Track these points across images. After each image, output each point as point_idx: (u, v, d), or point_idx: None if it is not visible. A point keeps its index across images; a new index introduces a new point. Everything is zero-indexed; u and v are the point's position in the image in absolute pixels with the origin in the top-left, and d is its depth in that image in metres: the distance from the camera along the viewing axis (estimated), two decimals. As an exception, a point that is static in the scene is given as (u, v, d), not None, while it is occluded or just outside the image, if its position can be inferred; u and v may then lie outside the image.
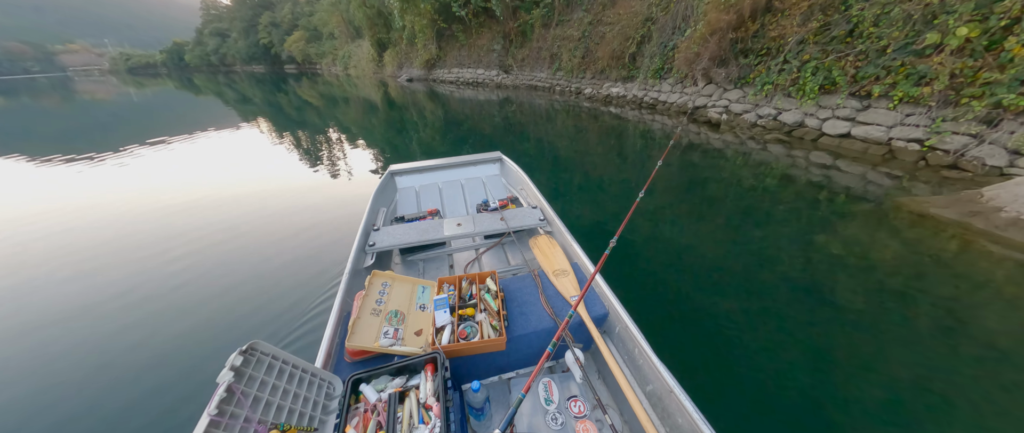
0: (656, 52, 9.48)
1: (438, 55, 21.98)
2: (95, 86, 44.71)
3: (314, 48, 46.10)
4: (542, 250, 2.08)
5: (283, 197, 5.32)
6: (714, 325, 2.44)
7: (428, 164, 3.43)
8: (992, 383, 1.97)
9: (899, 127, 5.09)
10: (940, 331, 2.37)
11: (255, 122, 13.06)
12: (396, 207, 3.04)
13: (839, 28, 5.47)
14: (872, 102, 5.36)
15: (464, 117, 11.51)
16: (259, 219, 4.54)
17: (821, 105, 5.91)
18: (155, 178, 6.70)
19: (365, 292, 1.55)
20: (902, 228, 3.59)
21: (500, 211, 2.54)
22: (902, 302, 2.61)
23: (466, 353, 1.44)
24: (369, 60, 31.69)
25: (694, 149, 6.52)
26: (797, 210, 4.16)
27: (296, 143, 9.35)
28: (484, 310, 1.59)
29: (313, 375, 1.27)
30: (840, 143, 5.65)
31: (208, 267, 3.48)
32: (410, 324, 1.55)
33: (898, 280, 2.84)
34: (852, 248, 3.26)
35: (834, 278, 2.90)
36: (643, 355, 1.35)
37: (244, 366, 1.07)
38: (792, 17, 5.91)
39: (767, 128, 6.55)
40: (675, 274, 3.06)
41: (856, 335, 2.33)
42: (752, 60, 6.85)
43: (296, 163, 7.37)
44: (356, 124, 11.90)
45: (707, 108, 7.87)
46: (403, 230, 2.32)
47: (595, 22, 12.39)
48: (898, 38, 4.96)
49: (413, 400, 1.20)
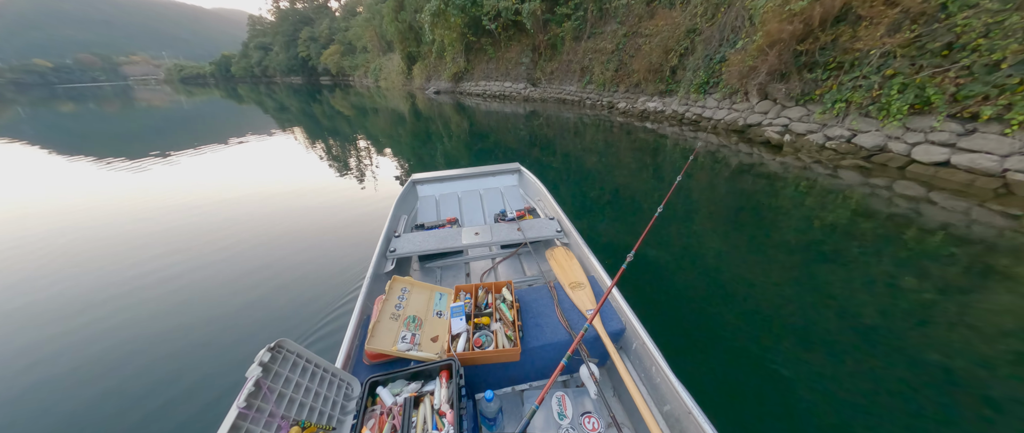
0: (700, 65, 8.80)
1: (466, 68, 22.00)
2: (151, 94, 48.03)
3: (348, 61, 47.83)
4: (558, 262, 2.06)
5: (313, 201, 5.50)
6: (749, 354, 2.27)
7: (448, 174, 3.47)
8: None
9: (1017, 157, 4.21)
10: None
11: (290, 130, 13.43)
12: (417, 215, 3.08)
13: (937, 39, 4.66)
14: (979, 126, 4.49)
15: (490, 130, 11.36)
16: (290, 222, 4.71)
17: (909, 128, 5.07)
18: (199, 178, 7.10)
19: (385, 296, 1.57)
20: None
21: (517, 221, 2.53)
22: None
23: (480, 362, 1.44)
24: (398, 73, 32.34)
25: (746, 171, 5.83)
26: (873, 244, 3.54)
27: (327, 150, 9.62)
28: (499, 319, 1.58)
29: (333, 375, 1.29)
30: (936, 172, 4.79)
31: (240, 264, 3.64)
32: (427, 330, 1.56)
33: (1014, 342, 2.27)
34: (951, 295, 2.76)
35: (909, 322, 2.50)
36: (661, 374, 1.31)
37: (271, 363, 1.10)
38: (877, 27, 5.13)
39: (839, 151, 5.73)
40: (704, 294, 2.91)
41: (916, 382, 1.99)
42: (820, 75, 6.07)
43: (326, 169, 7.60)
44: (384, 134, 12.08)
45: (762, 126, 7.09)
46: (422, 237, 2.34)
47: (630, 34, 11.84)
48: (1016, 51, 4.12)
49: (427, 406, 1.21)
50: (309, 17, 59.86)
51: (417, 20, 24.33)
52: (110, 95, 50.57)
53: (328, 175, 7.15)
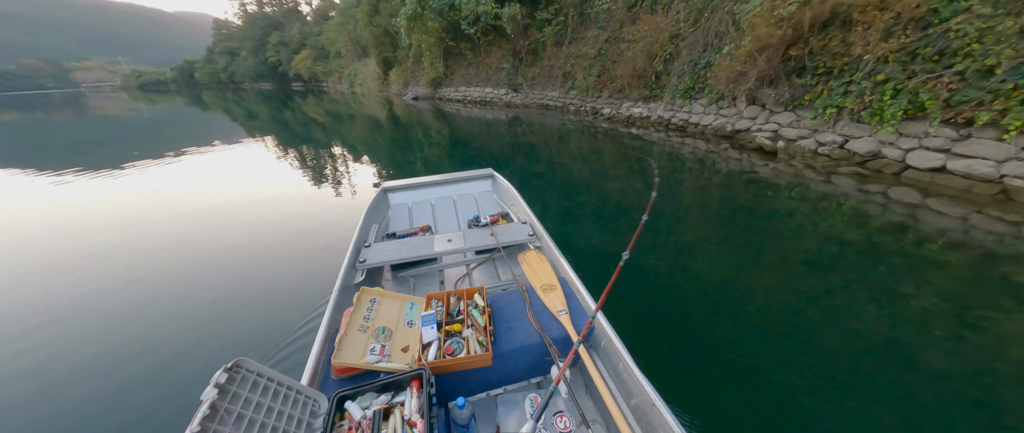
0: (685, 70, 8.71)
1: (445, 73, 21.52)
2: (107, 102, 45.11)
3: (321, 66, 46.37)
4: (531, 265, 2.08)
5: (282, 212, 5.21)
6: (712, 347, 2.37)
7: (421, 181, 3.41)
8: None
9: (1014, 162, 4.16)
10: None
11: (260, 138, 12.73)
12: (388, 224, 3.02)
13: (931, 45, 4.60)
14: (974, 131, 4.45)
15: (471, 136, 11.10)
16: (254, 235, 4.42)
17: (903, 133, 5.01)
18: (157, 191, 6.66)
19: (353, 309, 1.56)
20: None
21: (491, 227, 2.54)
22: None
23: (452, 369, 1.44)
24: (374, 78, 31.50)
25: (735, 177, 5.70)
26: (857, 246, 3.56)
27: (299, 160, 9.16)
28: (471, 325, 1.58)
29: (298, 393, 1.25)
30: (932, 178, 4.73)
31: (200, 283, 3.41)
32: (397, 340, 1.55)
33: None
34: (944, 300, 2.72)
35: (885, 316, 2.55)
36: (627, 369, 1.36)
37: (229, 383, 1.07)
38: (870, 32, 5.06)
39: (833, 157, 5.64)
40: (672, 292, 3.01)
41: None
42: (809, 80, 6.01)
43: (297, 179, 7.23)
44: (361, 141, 11.66)
45: (751, 132, 7.00)
46: (394, 246, 2.30)
47: (612, 40, 11.73)
48: (1011, 57, 4.09)
49: (397, 417, 1.19)
50: (279, 21, 57.81)
51: (393, 24, 23.71)
52: (60, 103, 47.19)
53: (299, 185, 6.76)
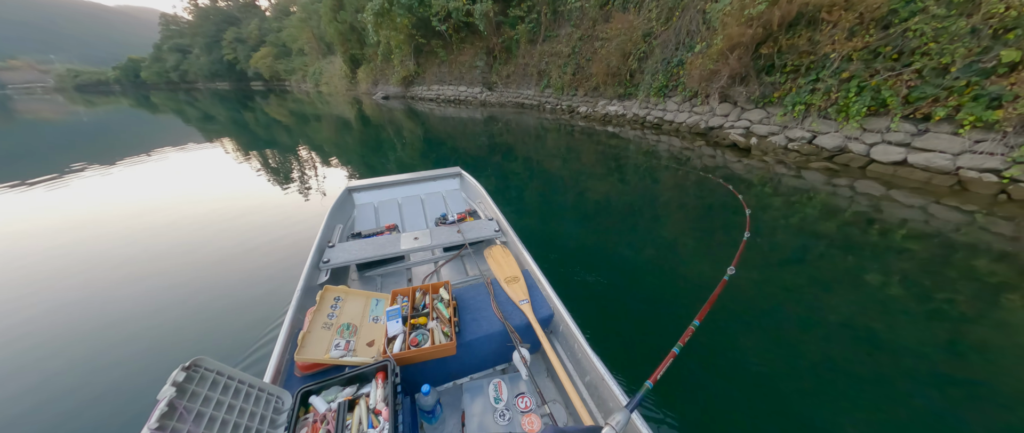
0: (659, 69, 8.82)
1: (416, 72, 20.96)
2: (39, 105, 40.83)
3: (283, 64, 44.19)
4: (496, 259, 2.13)
5: (246, 217, 5.03)
6: (653, 323, 2.61)
7: (387, 180, 3.41)
8: None
9: (968, 154, 4.42)
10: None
11: (218, 141, 11.92)
12: (354, 223, 3.02)
13: (893, 43, 4.81)
14: (931, 126, 4.70)
15: (446, 136, 10.85)
16: (219, 240, 4.31)
17: (866, 128, 5.24)
18: (108, 197, 6.34)
19: (316, 307, 1.57)
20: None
21: (458, 224, 2.55)
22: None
23: (417, 360, 1.48)
24: (341, 77, 30.32)
25: (710, 172, 5.81)
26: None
27: (262, 162, 8.66)
28: (436, 318, 1.62)
29: (260, 390, 1.25)
30: (895, 171, 4.96)
31: (161, 289, 3.36)
32: (362, 336, 1.57)
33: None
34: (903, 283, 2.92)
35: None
36: (581, 350, 1.47)
37: (187, 382, 1.07)
38: (837, 31, 5.23)
39: (802, 153, 5.84)
40: (641, 282, 3.17)
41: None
42: (779, 78, 6.18)
43: (260, 183, 6.93)
44: (329, 142, 11.15)
45: (724, 129, 7.16)
46: (359, 246, 2.30)
47: (586, 38, 11.75)
48: (964, 56, 4.32)
49: (363, 407, 1.21)
50: (234, 17, 54.56)
51: (359, 20, 22.83)
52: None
53: (264, 188, 6.52)
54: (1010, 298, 2.70)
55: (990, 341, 2.32)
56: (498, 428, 1.41)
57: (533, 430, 1.36)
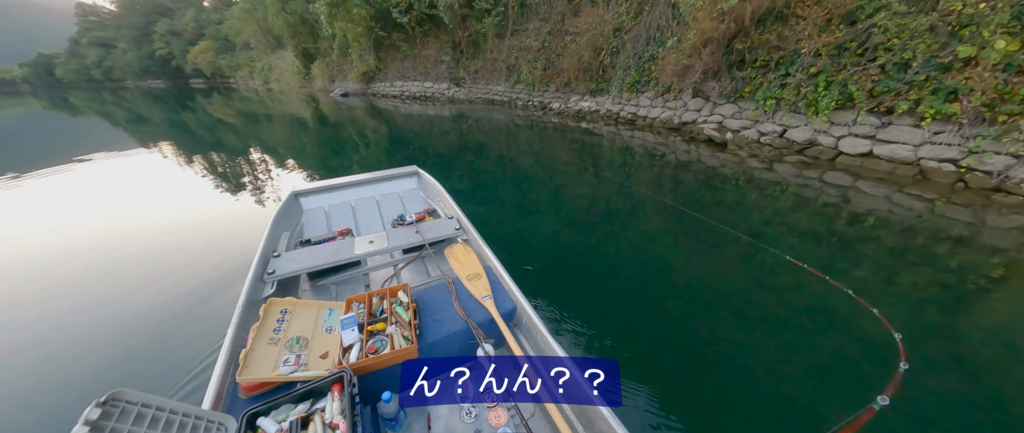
0: (631, 64, 8.80)
1: (377, 67, 19.93)
2: (-78, 110, 35.11)
3: (226, 60, 40.74)
4: (457, 258, 2.12)
5: (182, 230, 4.56)
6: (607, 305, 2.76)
7: (338, 182, 3.23)
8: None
9: (927, 146, 4.67)
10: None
11: (154, 146, 10.70)
12: (302, 230, 2.88)
13: (858, 39, 4.97)
14: (894, 119, 4.92)
15: (413, 134, 10.39)
16: (150, 257, 3.88)
17: (834, 122, 5.43)
18: (18, 213, 5.56)
19: (260, 322, 1.48)
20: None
21: (416, 224, 2.50)
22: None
23: (376, 367, 1.44)
24: (294, 73, 28.39)
25: (684, 168, 5.93)
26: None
27: (206, 168, 7.91)
28: (396, 323, 1.58)
29: (198, 419, 1.14)
30: (862, 163, 5.18)
31: (80, 313, 2.98)
32: (315, 348, 1.51)
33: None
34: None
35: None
36: (544, 340, 1.52)
37: (104, 419, 0.95)
38: (810, 26, 5.35)
39: (774, 146, 5.99)
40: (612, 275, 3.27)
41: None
42: (750, 72, 6.30)
43: (201, 191, 6.29)
44: (283, 144, 10.32)
45: (698, 123, 7.25)
46: (309, 254, 2.18)
47: (555, 32, 11.57)
48: (924, 51, 4.53)
49: (318, 423, 1.16)
50: (166, 7, 49.54)
51: (311, 12, 21.35)
52: None
53: (204, 198, 5.90)
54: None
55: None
56: (465, 426, 1.43)
57: (500, 423, 1.38)
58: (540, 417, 1.48)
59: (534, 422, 1.46)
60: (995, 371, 2.05)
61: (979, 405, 1.84)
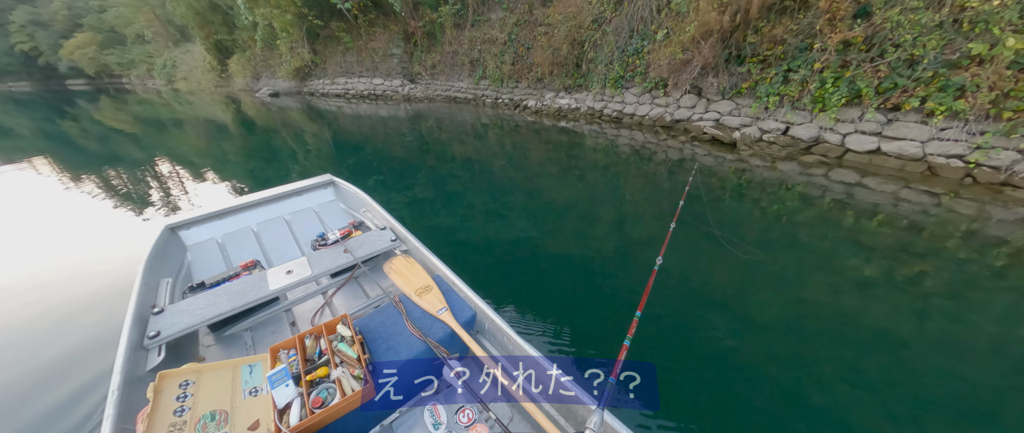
0: (614, 58, 8.34)
1: (314, 61, 17.62)
2: None
3: (115, 56, 34.27)
4: (400, 272, 1.96)
5: (44, 280, 3.43)
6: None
7: (230, 206, 2.73)
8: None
9: (934, 142, 4.72)
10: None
11: (25, 164, 8.32)
12: (189, 272, 2.35)
13: (872, 34, 4.87)
14: (900, 116, 4.93)
15: (364, 138, 9.24)
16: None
17: (840, 119, 5.38)
18: None
19: (150, 406, 1.17)
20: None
21: (343, 242, 2.25)
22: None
23: (328, 422, 1.26)
24: (206, 70, 24.49)
25: (679, 166, 5.69)
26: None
27: (100, 188, 6.21)
28: (341, 363, 1.41)
29: None
30: (870, 160, 5.17)
31: None
32: (239, 420, 1.23)
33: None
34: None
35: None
36: (511, 340, 1.47)
37: None
38: (827, 19, 5.15)
39: (781, 145, 5.86)
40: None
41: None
42: (750, 67, 6.09)
43: (81, 225, 4.86)
44: (200, 154, 8.62)
45: (692, 121, 6.99)
46: (204, 301, 1.77)
47: (523, 23, 10.78)
48: (933, 48, 4.51)
49: None
50: (21, -11, 40.05)
51: (224, -2, 18.26)
52: None
53: (75, 240, 4.44)
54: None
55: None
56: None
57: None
58: (520, 419, 1.41)
59: (515, 425, 1.39)
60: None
61: None
